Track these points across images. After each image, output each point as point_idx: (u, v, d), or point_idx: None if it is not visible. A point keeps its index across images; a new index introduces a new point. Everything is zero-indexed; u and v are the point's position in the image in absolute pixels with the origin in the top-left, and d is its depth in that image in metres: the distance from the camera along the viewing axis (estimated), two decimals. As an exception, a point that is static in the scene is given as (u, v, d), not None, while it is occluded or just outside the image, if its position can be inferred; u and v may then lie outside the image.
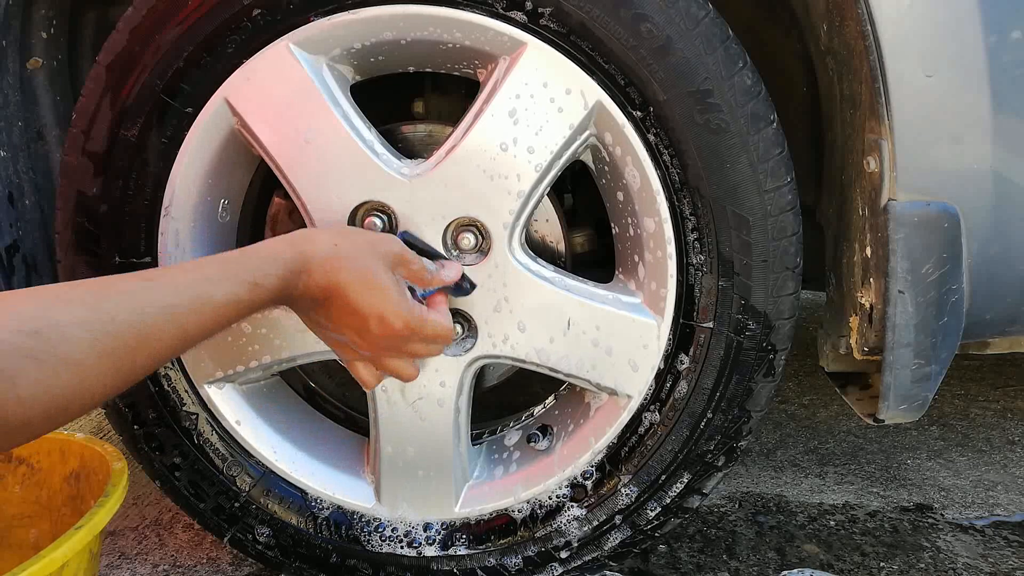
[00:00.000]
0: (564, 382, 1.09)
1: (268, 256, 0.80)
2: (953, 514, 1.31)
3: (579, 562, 1.07)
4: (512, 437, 1.10)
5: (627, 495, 1.04)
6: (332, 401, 1.24)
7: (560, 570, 1.08)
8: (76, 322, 0.65)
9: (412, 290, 0.89)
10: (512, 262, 0.95)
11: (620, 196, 0.98)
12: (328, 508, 1.08)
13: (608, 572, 1.12)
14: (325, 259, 0.82)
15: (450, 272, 0.93)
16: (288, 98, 0.92)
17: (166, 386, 1.03)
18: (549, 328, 0.97)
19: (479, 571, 1.08)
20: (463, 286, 0.95)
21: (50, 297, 0.67)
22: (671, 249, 0.95)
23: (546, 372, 1.00)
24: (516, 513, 1.06)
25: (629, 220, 0.98)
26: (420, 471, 1.04)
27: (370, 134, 0.95)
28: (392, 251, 0.87)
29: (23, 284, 1.09)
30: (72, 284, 0.70)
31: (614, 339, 0.97)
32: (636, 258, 0.99)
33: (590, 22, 0.88)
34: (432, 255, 0.94)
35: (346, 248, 0.84)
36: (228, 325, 0.77)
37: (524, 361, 0.99)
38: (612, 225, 1.02)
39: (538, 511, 1.06)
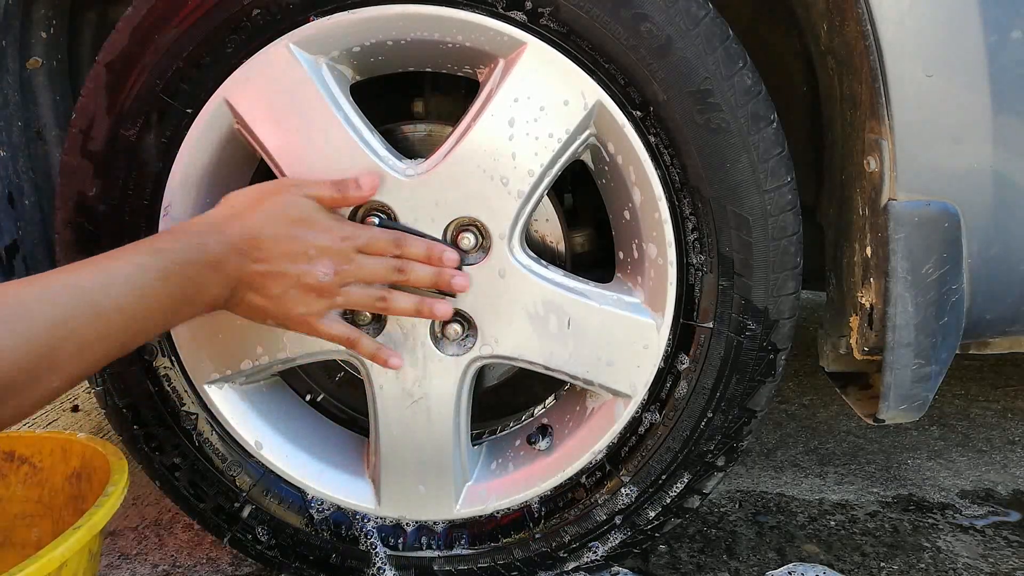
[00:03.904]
0: (565, 382, 1.09)
1: (171, 229, 0.83)
2: (953, 514, 1.31)
3: (579, 562, 1.07)
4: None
5: (627, 495, 1.04)
6: (332, 401, 1.24)
7: (560, 570, 1.08)
8: None
9: None
10: (512, 262, 0.95)
11: (620, 196, 0.98)
12: (328, 508, 1.08)
13: (618, 569, 1.12)
14: (230, 211, 0.84)
15: (364, 183, 0.91)
16: (288, 98, 0.92)
17: (166, 386, 1.03)
18: (549, 328, 0.97)
19: (479, 571, 1.08)
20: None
21: None
22: (671, 249, 0.95)
23: (546, 372, 1.00)
24: (516, 513, 1.06)
25: (629, 221, 0.98)
26: (420, 471, 1.04)
27: (370, 134, 0.94)
28: (294, 184, 0.88)
29: (23, 284, 1.09)
30: None
31: (614, 339, 0.97)
32: (636, 258, 0.99)
33: (590, 22, 0.88)
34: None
35: (253, 196, 0.86)
36: (157, 305, 0.76)
37: (524, 361, 0.99)
38: (612, 225, 1.02)
39: (538, 511, 1.06)
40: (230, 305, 0.86)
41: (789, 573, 1.13)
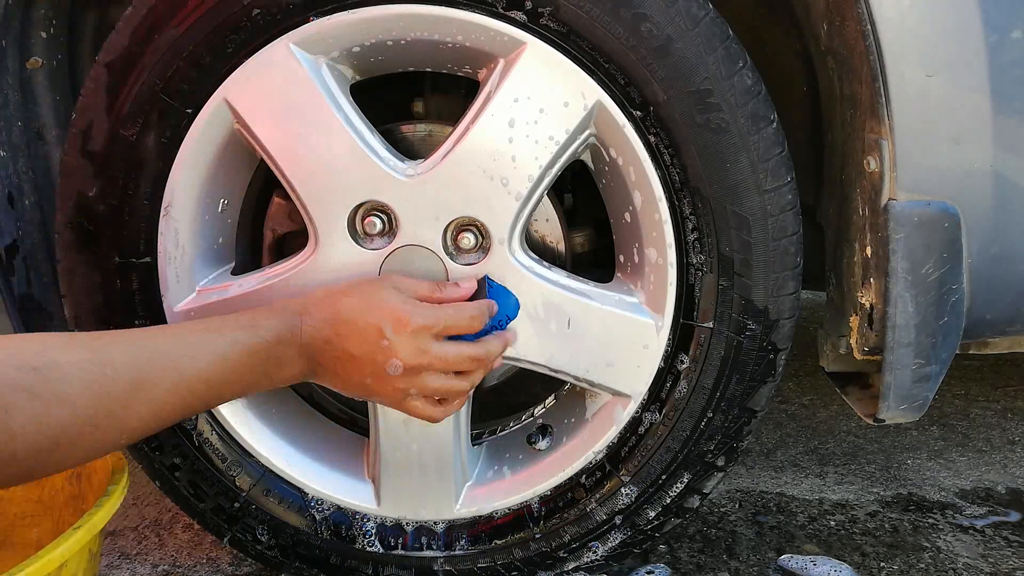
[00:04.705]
0: (565, 382, 1.09)
1: (267, 307, 0.84)
2: (953, 514, 1.31)
3: (579, 562, 1.07)
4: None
5: (627, 495, 1.04)
6: (332, 401, 1.24)
7: (560, 570, 1.08)
8: (74, 362, 0.67)
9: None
10: (512, 262, 0.95)
11: (620, 196, 0.98)
12: (328, 508, 1.08)
13: (652, 567, 1.13)
14: (323, 296, 0.86)
15: (463, 286, 0.93)
16: (288, 98, 0.92)
17: (166, 386, 1.03)
18: (549, 328, 0.97)
19: (479, 571, 1.08)
20: (502, 315, 0.95)
21: (53, 340, 0.69)
22: (671, 249, 0.95)
23: (546, 372, 1.00)
24: (516, 513, 1.06)
25: (629, 221, 0.98)
26: (420, 471, 1.04)
27: (370, 134, 0.94)
28: (390, 278, 0.89)
29: (23, 284, 1.09)
30: (76, 333, 0.74)
31: (614, 339, 0.97)
32: (636, 258, 0.99)
33: (590, 22, 0.88)
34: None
35: (342, 285, 0.88)
36: (237, 378, 0.78)
37: (523, 361, 0.99)
38: (612, 225, 1.02)
39: (538, 511, 1.06)
40: (312, 379, 0.87)
41: (812, 563, 1.13)
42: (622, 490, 1.04)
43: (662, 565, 1.14)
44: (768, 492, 1.39)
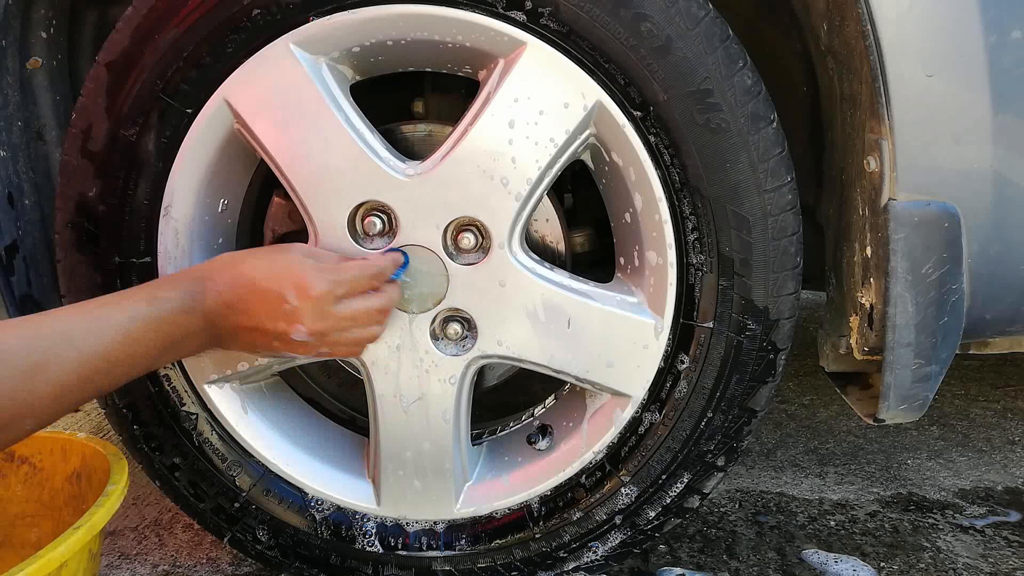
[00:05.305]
0: (564, 382, 1.09)
1: (171, 276, 0.85)
2: (953, 514, 1.31)
3: (579, 562, 1.07)
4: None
5: (627, 495, 1.04)
6: (332, 401, 1.24)
7: (560, 570, 1.08)
8: None
9: None
10: (512, 262, 0.95)
11: (620, 197, 0.98)
12: (328, 508, 1.08)
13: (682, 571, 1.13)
14: (228, 259, 0.85)
15: (371, 255, 0.92)
16: (288, 98, 0.92)
17: (166, 386, 1.03)
18: (549, 328, 0.97)
19: (479, 571, 1.08)
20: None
21: None
22: (671, 250, 0.95)
23: (546, 372, 1.00)
24: (517, 513, 1.06)
25: (629, 221, 0.98)
26: (420, 471, 1.04)
27: (370, 134, 0.94)
28: (301, 246, 0.89)
29: (23, 284, 1.09)
30: None
31: (614, 339, 0.97)
32: (636, 259, 0.99)
33: (590, 22, 0.88)
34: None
35: (246, 252, 0.88)
36: (143, 352, 0.77)
37: (523, 361, 0.99)
38: (612, 226, 1.02)
39: (538, 511, 1.06)
40: (218, 346, 0.86)
41: (834, 560, 1.15)
42: (622, 490, 1.04)
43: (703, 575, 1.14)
44: (768, 492, 1.39)
